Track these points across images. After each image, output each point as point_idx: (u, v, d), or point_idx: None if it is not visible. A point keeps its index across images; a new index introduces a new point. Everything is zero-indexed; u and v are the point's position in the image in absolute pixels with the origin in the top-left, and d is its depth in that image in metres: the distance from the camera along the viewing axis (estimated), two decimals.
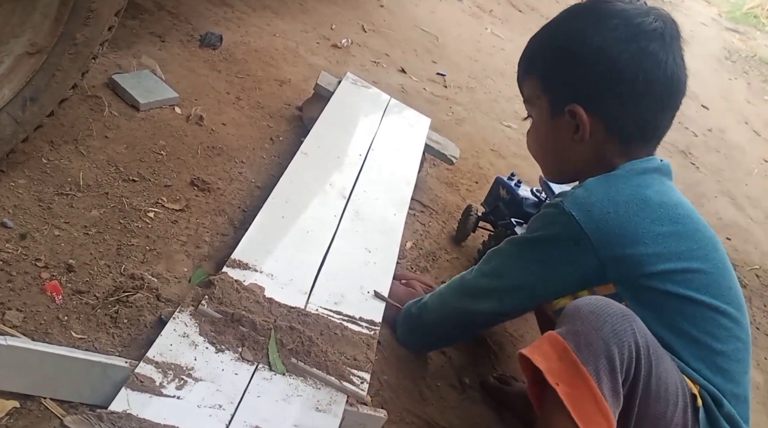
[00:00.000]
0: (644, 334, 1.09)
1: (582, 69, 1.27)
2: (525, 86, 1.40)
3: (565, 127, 1.30)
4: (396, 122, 2.19)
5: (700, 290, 1.19)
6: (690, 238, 1.23)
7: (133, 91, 1.82)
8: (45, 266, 1.27)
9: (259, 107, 2.15)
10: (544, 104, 1.34)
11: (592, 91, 1.27)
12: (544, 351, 1.07)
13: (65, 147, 1.56)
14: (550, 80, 1.33)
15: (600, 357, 1.03)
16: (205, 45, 2.30)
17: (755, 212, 3.49)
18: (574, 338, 1.05)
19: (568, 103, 1.28)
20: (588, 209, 1.20)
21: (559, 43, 1.32)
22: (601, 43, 1.25)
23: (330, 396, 1.19)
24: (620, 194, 1.22)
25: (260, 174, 1.84)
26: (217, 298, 1.22)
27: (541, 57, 1.36)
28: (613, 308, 1.09)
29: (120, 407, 0.99)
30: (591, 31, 1.26)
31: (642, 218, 1.20)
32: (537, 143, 1.41)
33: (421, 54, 3.35)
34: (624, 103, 1.26)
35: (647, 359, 1.07)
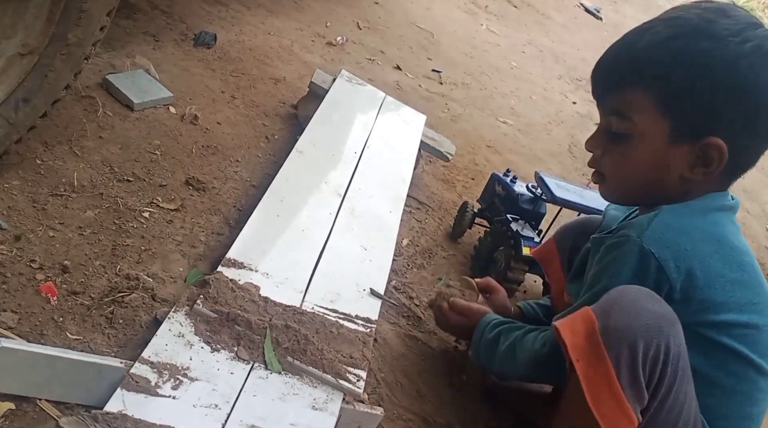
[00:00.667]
0: (679, 344, 1.05)
1: (734, 101, 1.11)
2: (622, 96, 1.19)
3: (684, 156, 1.15)
4: (391, 120, 2.19)
5: (750, 348, 1.12)
6: (752, 289, 1.14)
7: (127, 91, 1.82)
8: (40, 267, 1.27)
9: (254, 105, 2.15)
10: (658, 126, 1.15)
11: (737, 125, 1.12)
12: (575, 326, 1.07)
13: (59, 148, 1.56)
14: (679, 102, 1.13)
15: (623, 346, 1.02)
16: (200, 44, 2.29)
17: (752, 205, 3.50)
18: (605, 320, 1.04)
19: (704, 133, 1.12)
20: (667, 246, 1.10)
21: (704, 62, 1.11)
22: (763, 77, 1.10)
23: (326, 395, 1.19)
24: (697, 230, 1.13)
25: (255, 173, 1.84)
26: (213, 297, 1.22)
27: (668, 71, 1.14)
28: (655, 304, 1.05)
29: (116, 407, 0.99)
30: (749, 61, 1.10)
31: (715, 261, 1.12)
32: (633, 165, 1.21)
33: (417, 51, 3.35)
34: (761, 142, 1.16)
35: (674, 369, 1.04)
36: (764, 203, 3.59)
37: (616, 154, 1.22)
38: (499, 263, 1.82)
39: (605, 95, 1.23)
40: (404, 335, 1.59)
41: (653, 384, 1.04)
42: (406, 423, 1.38)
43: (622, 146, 1.20)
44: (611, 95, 1.21)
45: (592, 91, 1.26)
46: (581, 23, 5.24)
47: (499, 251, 1.84)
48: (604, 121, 1.24)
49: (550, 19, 4.90)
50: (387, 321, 1.59)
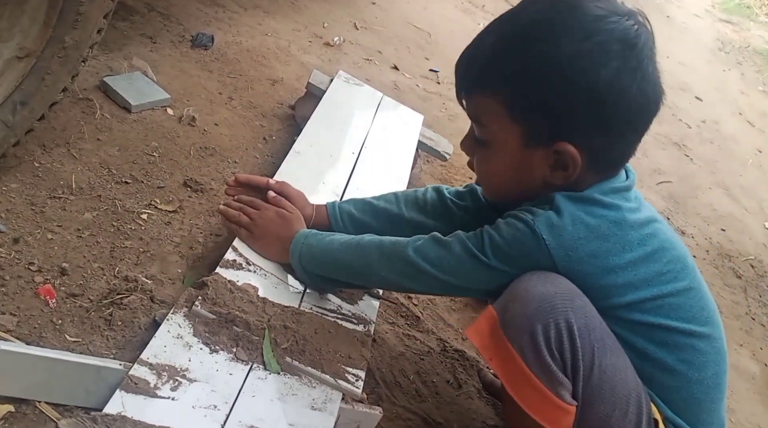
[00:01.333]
0: (584, 317, 1.04)
1: (583, 103, 1.07)
2: (475, 102, 1.18)
3: (542, 159, 1.13)
4: (389, 119, 2.19)
5: (670, 316, 1.12)
6: (658, 260, 1.13)
7: (124, 93, 1.82)
8: (38, 269, 1.27)
9: (252, 106, 2.15)
10: (511, 132, 1.13)
11: (588, 128, 1.10)
12: (480, 327, 1.10)
13: (57, 150, 1.56)
14: (526, 109, 1.11)
15: (523, 334, 1.03)
16: (197, 45, 2.29)
17: (750, 202, 3.50)
18: (504, 313, 1.07)
19: (554, 138, 1.10)
20: (559, 233, 1.09)
21: (550, 65, 1.07)
22: (612, 75, 1.05)
23: (325, 395, 1.20)
24: (592, 215, 1.11)
25: (253, 174, 1.84)
26: (211, 299, 1.22)
27: (514, 75, 1.10)
28: (547, 285, 1.05)
29: (115, 409, 0.99)
30: (590, 59, 1.05)
31: (613, 244, 1.10)
32: (496, 169, 1.21)
33: (414, 51, 3.35)
34: (618, 137, 1.13)
35: (586, 343, 1.03)
36: (762, 201, 3.60)
37: (480, 157, 1.23)
38: None
39: (459, 98, 1.22)
40: (402, 334, 1.60)
41: (569, 364, 1.03)
42: (405, 423, 1.39)
43: (484, 149, 1.21)
44: (466, 101, 1.20)
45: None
46: None
47: None
48: (471, 124, 1.24)
49: None
50: (385, 321, 1.59)
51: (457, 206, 1.46)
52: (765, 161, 4.15)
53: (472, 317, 1.80)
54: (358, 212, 1.49)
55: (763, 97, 5.65)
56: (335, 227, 1.47)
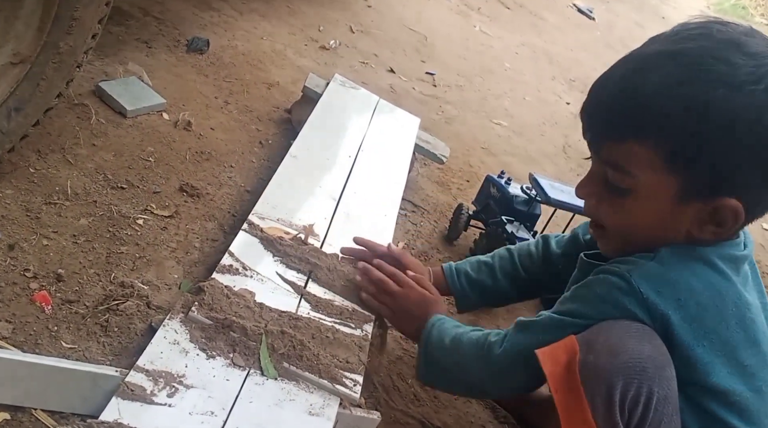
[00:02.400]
0: (666, 388, 0.97)
1: (749, 158, 0.98)
2: (620, 149, 1.04)
3: (693, 215, 1.03)
4: (385, 123, 2.19)
5: (743, 418, 1.03)
6: (749, 348, 1.03)
7: (120, 98, 1.82)
8: (34, 276, 1.26)
9: (248, 110, 2.15)
10: (665, 184, 1.02)
11: (752, 184, 1.00)
12: (557, 355, 1.02)
13: (52, 156, 1.56)
14: (688, 161, 0.99)
15: (600, 384, 0.96)
16: (192, 50, 2.29)
17: None
18: (586, 353, 0.99)
19: (718, 193, 1.00)
20: (659, 290, 1.01)
21: (715, 117, 0.96)
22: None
23: (323, 400, 1.19)
24: (699, 279, 1.02)
25: (250, 178, 1.84)
26: (207, 304, 1.22)
27: (672, 125, 0.99)
28: (644, 343, 0.98)
29: (111, 417, 0.99)
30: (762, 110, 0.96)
31: (712, 315, 1.01)
32: (634, 221, 1.08)
33: (410, 54, 3.35)
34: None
35: (658, 415, 0.96)
36: None
37: (616, 207, 1.09)
38: None
39: (600, 142, 1.08)
40: (400, 338, 1.59)
41: (634, 426, 0.97)
42: (404, 427, 1.38)
43: (622, 198, 1.07)
44: (608, 144, 1.06)
45: (583, 131, 1.10)
46: (574, 24, 5.25)
47: None
48: (598, 167, 1.10)
49: (543, 20, 4.90)
50: None
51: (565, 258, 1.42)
52: None
53: (470, 320, 1.80)
54: (474, 273, 1.50)
55: None
56: (452, 287, 1.51)
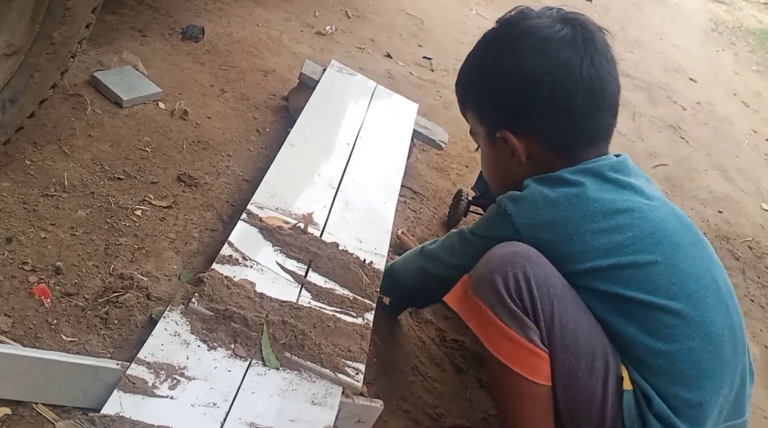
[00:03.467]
0: (541, 272, 1.13)
1: (503, 95, 1.26)
2: (467, 118, 1.39)
3: (504, 152, 1.30)
4: (383, 109, 2.17)
5: (629, 286, 1.15)
6: (622, 233, 1.17)
7: (115, 87, 1.80)
8: (32, 269, 1.26)
9: (244, 98, 2.14)
10: (482, 133, 1.34)
11: (516, 115, 1.26)
12: (456, 292, 1.22)
13: (49, 148, 1.54)
14: (481, 111, 1.33)
15: (487, 287, 1.14)
16: (187, 38, 2.27)
17: (746, 183, 3.50)
18: (473, 275, 1.19)
19: (498, 130, 1.28)
20: (520, 204, 1.22)
21: (480, 74, 1.31)
22: (514, 66, 1.24)
23: (325, 389, 1.19)
24: (553, 190, 1.21)
25: (248, 167, 1.83)
26: (208, 295, 1.21)
27: (470, 89, 1.36)
28: (509, 247, 1.17)
29: (113, 410, 0.98)
30: (505, 57, 1.25)
31: (572, 214, 1.18)
32: (487, 169, 1.41)
33: (407, 38, 3.33)
34: (549, 118, 1.24)
35: (544, 294, 1.12)
36: (758, 181, 3.60)
37: (482, 163, 1.42)
38: None
39: (465, 118, 1.41)
40: (402, 326, 1.59)
41: (530, 311, 1.12)
42: (406, 414, 1.38)
43: (481, 155, 1.40)
44: (465, 117, 1.40)
45: None
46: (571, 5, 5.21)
47: None
48: None
49: (539, 1, 4.87)
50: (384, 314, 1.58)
51: None
52: (760, 141, 4.14)
53: None
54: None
55: (757, 76, 5.64)
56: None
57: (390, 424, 1.33)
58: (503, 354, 1.13)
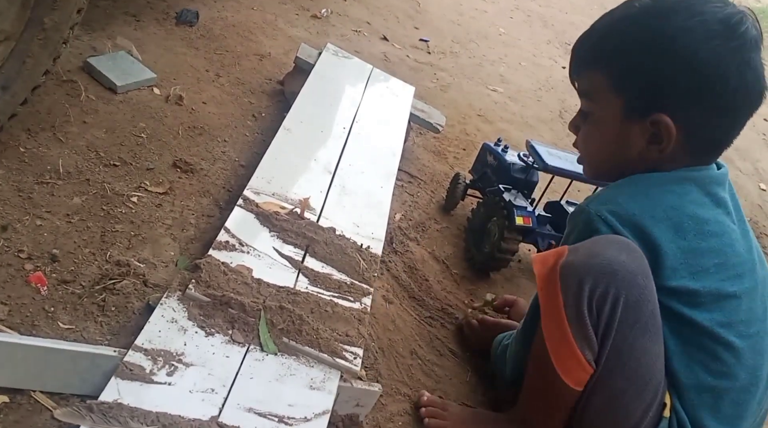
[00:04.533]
0: (638, 295, 1.07)
1: (682, 75, 1.11)
2: (585, 78, 1.24)
3: (640, 133, 1.17)
4: (380, 92, 2.16)
5: (705, 316, 1.12)
6: (713, 257, 1.13)
7: (109, 73, 1.79)
8: (28, 257, 1.25)
9: (240, 83, 2.12)
10: (614, 105, 1.19)
11: (683, 101, 1.13)
12: (546, 258, 1.15)
13: (43, 134, 1.53)
14: (629, 81, 1.16)
15: (573, 280, 1.08)
16: (182, 22, 2.25)
17: (744, 164, 3.49)
18: (570, 256, 1.11)
19: (652, 110, 1.14)
20: (613, 210, 1.13)
21: (648, 40, 1.13)
22: (705, 51, 1.09)
23: (323, 374, 1.19)
24: (649, 197, 1.15)
25: (244, 152, 1.82)
26: (205, 281, 1.21)
27: (618, 51, 1.17)
28: (621, 253, 1.08)
29: (110, 397, 0.98)
30: (692, 34, 1.10)
31: (667, 226, 1.12)
32: (596, 143, 1.26)
33: (403, 21, 3.31)
34: (714, 115, 1.14)
35: (626, 318, 1.07)
36: (756, 161, 3.59)
37: (584, 134, 1.28)
38: (493, 233, 1.81)
39: (574, 78, 1.27)
40: (400, 310, 1.59)
41: (602, 327, 1.08)
42: (405, 398, 1.38)
43: (588, 125, 1.26)
44: (578, 77, 1.26)
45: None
46: None
47: (492, 221, 1.83)
48: (580, 102, 1.28)
49: None
50: (382, 298, 1.58)
51: None
52: (758, 121, 4.13)
53: (468, 289, 1.80)
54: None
55: None
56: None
57: (389, 408, 1.33)
58: (550, 338, 1.13)
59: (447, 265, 1.85)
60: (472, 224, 1.93)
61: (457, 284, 1.80)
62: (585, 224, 1.16)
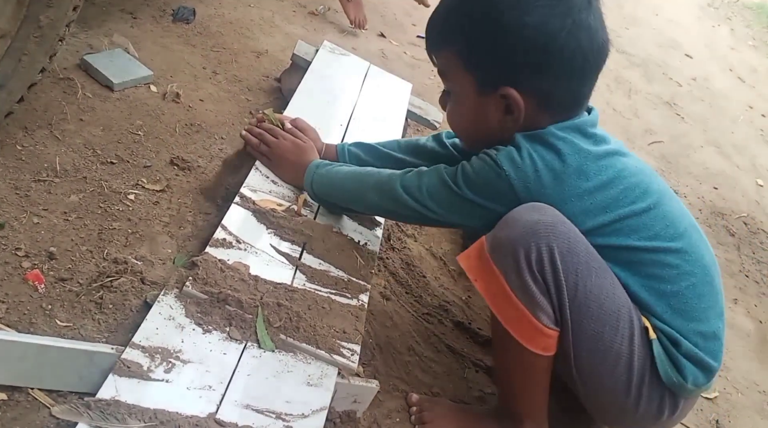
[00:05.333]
0: (567, 241, 1.12)
1: (517, 49, 1.17)
2: (440, 58, 1.29)
3: (495, 105, 1.23)
4: (377, 89, 2.16)
5: (630, 236, 1.19)
6: (614, 187, 1.20)
7: (106, 71, 1.79)
8: (26, 255, 1.25)
9: (237, 80, 2.12)
10: (467, 82, 1.24)
11: (526, 72, 1.19)
12: (469, 252, 1.20)
13: (40, 132, 1.53)
14: (475, 58, 1.22)
15: (507, 256, 1.13)
16: (178, 19, 2.25)
17: (741, 159, 3.50)
18: (492, 239, 1.16)
19: (498, 84, 1.20)
20: (518, 166, 1.18)
21: (486, 17, 1.18)
22: (538, 20, 1.14)
23: (321, 370, 1.19)
24: (546, 149, 1.19)
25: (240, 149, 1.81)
26: (202, 279, 1.21)
27: (462, 30, 1.22)
28: (533, 214, 1.14)
29: (108, 394, 0.99)
30: (518, 6, 1.15)
31: (567, 175, 1.17)
32: (460, 118, 1.32)
33: (400, 17, 3.30)
34: (560, 80, 1.20)
35: (568, 266, 1.12)
36: (753, 157, 3.60)
37: (449, 110, 1.33)
38: None
39: (431, 57, 1.32)
40: (397, 307, 1.59)
41: (552, 286, 1.12)
42: (402, 394, 1.39)
43: (451, 102, 1.32)
44: (434, 57, 1.31)
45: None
46: None
47: None
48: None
49: None
50: (380, 294, 1.59)
51: (455, 150, 1.57)
52: (756, 117, 4.13)
53: (465, 286, 1.80)
54: (364, 154, 1.61)
55: (753, 52, 5.62)
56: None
57: (386, 404, 1.33)
58: (506, 319, 1.16)
59: (444, 262, 1.85)
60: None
61: (454, 281, 1.81)
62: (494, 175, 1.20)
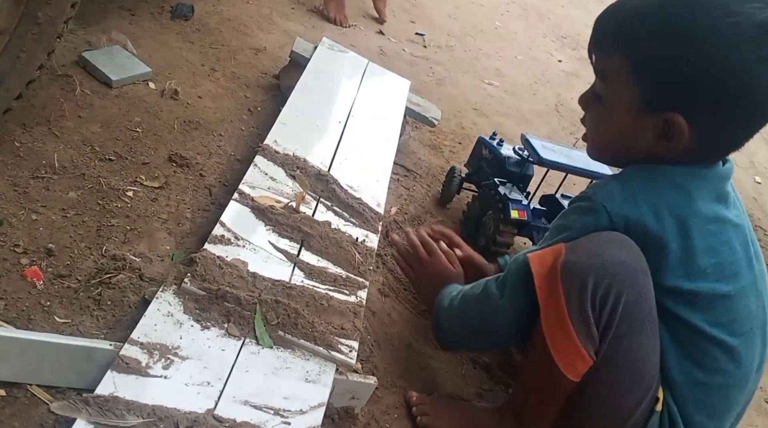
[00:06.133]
0: (638, 293, 1.08)
1: (700, 79, 1.06)
2: (604, 60, 1.18)
3: (651, 127, 1.13)
4: (375, 86, 2.16)
5: (696, 314, 1.13)
6: (710, 256, 1.12)
7: (104, 68, 1.79)
8: (24, 251, 1.25)
9: (235, 77, 2.12)
10: (629, 93, 1.13)
11: (701, 105, 1.08)
12: (545, 257, 1.14)
13: (38, 129, 1.53)
14: (649, 72, 1.10)
15: (575, 280, 1.08)
16: (177, 16, 2.25)
17: (739, 157, 3.50)
18: (571, 254, 1.11)
19: (667, 107, 1.09)
20: (620, 204, 1.12)
21: (677, 35, 1.06)
22: (734, 59, 1.03)
23: (319, 367, 1.19)
24: (657, 192, 1.13)
25: (239, 147, 1.82)
26: (200, 275, 1.21)
27: (643, 39, 1.10)
28: (622, 251, 1.09)
29: (106, 390, 0.99)
30: (723, 39, 1.03)
31: (673, 224, 1.11)
32: (608, 128, 1.21)
33: (399, 14, 3.30)
34: (732, 123, 1.10)
35: (627, 317, 1.08)
36: (751, 155, 3.60)
37: (594, 114, 1.23)
38: (488, 227, 1.81)
39: (592, 55, 1.21)
40: (395, 304, 1.60)
41: (602, 324, 1.09)
42: (401, 391, 1.39)
43: (599, 106, 1.20)
44: (596, 56, 1.19)
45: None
46: None
47: (487, 215, 1.84)
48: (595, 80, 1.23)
49: None
50: (378, 291, 1.59)
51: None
52: None
53: None
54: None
55: None
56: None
57: (384, 400, 1.33)
58: (553, 342, 1.12)
59: None
60: (468, 218, 1.94)
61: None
62: (589, 214, 1.14)
